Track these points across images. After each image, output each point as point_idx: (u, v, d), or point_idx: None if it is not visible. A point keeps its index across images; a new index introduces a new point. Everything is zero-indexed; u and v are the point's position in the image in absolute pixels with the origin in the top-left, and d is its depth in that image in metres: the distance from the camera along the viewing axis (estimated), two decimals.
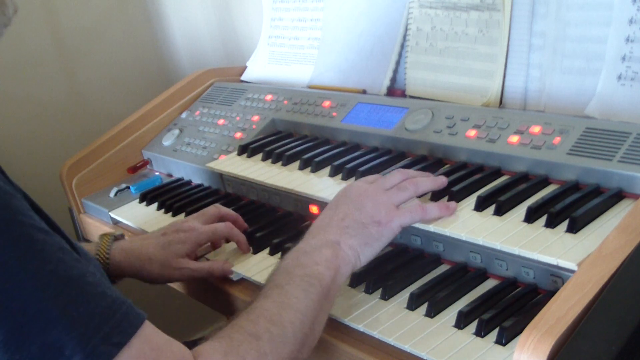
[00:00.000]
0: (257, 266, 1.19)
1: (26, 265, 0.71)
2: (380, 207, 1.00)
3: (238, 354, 0.81)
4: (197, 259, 1.26)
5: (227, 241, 1.29)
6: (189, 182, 1.63)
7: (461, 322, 0.91)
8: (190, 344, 0.83)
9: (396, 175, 1.08)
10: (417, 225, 1.05)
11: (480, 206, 1.05)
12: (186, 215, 1.41)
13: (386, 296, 1.01)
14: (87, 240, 1.70)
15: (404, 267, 1.07)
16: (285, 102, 1.61)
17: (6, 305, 0.70)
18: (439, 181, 1.10)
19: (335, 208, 1.02)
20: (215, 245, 1.29)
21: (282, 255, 1.17)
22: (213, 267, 1.19)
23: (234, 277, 1.20)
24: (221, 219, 1.28)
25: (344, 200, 1.03)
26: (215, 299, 1.26)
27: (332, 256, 0.95)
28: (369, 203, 1.00)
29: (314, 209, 1.28)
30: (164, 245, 1.20)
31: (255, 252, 1.24)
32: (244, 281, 1.19)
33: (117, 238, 1.26)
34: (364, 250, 0.98)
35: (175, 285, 1.36)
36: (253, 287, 1.16)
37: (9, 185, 0.78)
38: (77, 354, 0.71)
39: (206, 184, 1.58)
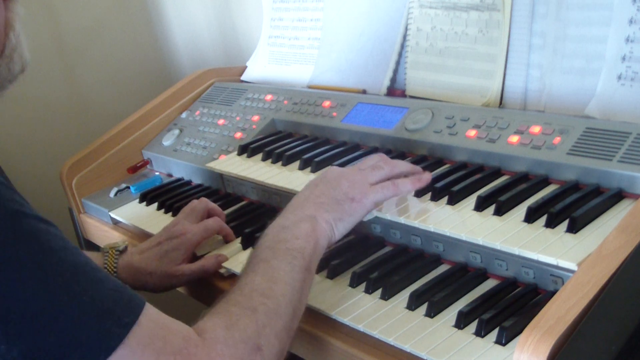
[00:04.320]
0: None
1: (34, 257, 0.73)
2: (355, 185, 1.06)
3: (239, 327, 0.83)
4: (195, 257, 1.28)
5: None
6: (189, 182, 1.63)
7: (461, 322, 0.91)
8: None
9: (373, 157, 1.15)
10: (417, 225, 1.06)
11: (480, 206, 1.05)
12: None
13: (386, 296, 1.01)
14: (87, 241, 1.71)
15: (404, 267, 1.07)
16: (285, 102, 1.61)
17: (18, 297, 0.71)
18: (416, 168, 1.15)
19: (313, 187, 1.07)
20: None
21: None
22: (205, 266, 1.22)
23: (225, 273, 1.22)
24: (209, 213, 1.31)
25: (321, 181, 1.08)
26: (213, 298, 1.26)
27: (311, 229, 0.99)
28: (344, 182, 1.06)
29: None
30: (160, 257, 1.22)
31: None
32: None
33: (122, 251, 1.28)
34: (337, 224, 1.03)
35: None
36: None
37: (1, 176, 0.79)
38: (91, 338, 0.72)
39: (206, 184, 1.58)
